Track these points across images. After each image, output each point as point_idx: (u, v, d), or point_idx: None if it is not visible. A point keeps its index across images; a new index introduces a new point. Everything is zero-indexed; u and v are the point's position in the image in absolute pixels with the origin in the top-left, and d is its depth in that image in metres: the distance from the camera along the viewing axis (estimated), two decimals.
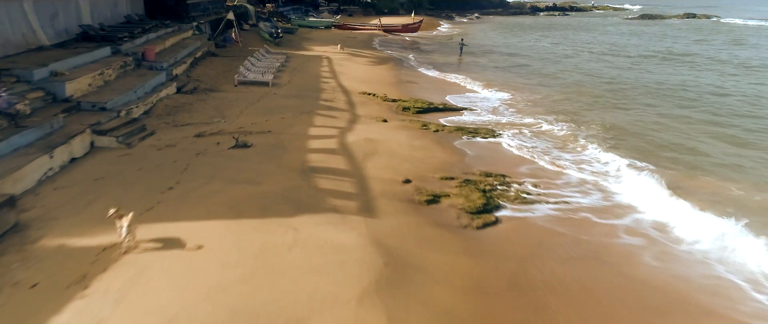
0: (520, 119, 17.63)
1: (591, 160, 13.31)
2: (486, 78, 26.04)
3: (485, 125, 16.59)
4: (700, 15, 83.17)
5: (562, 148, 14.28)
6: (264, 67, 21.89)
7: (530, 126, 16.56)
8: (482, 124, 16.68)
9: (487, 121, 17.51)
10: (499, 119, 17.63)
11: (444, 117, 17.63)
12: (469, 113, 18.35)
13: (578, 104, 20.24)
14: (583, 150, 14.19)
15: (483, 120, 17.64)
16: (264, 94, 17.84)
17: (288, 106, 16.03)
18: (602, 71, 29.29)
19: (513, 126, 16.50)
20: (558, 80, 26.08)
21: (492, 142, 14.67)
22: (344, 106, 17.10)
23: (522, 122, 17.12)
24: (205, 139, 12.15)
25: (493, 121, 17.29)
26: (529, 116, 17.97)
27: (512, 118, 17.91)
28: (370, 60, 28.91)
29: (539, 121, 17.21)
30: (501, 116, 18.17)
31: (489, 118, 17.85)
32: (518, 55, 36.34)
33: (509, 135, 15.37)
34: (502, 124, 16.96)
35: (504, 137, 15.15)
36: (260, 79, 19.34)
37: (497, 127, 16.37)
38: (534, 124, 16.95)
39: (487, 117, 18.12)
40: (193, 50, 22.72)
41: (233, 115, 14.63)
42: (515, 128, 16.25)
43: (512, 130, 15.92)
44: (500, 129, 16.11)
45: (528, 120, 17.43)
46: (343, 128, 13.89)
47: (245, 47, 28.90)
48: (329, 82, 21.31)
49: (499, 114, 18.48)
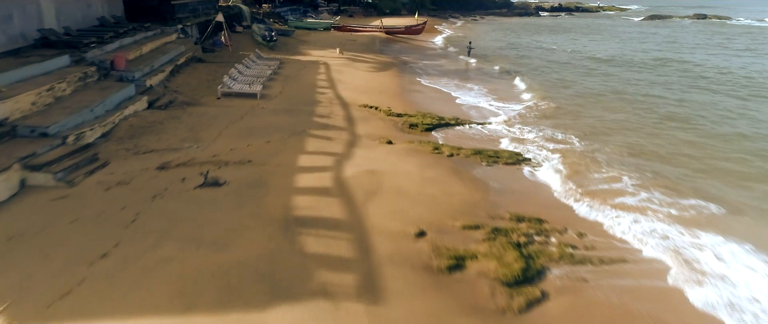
0: (541, 136, 15.30)
1: (631, 191, 10.98)
2: (496, 85, 23.74)
3: (502, 138, 14.42)
4: (711, 16, 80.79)
5: (600, 178, 11.95)
6: (253, 76, 19.57)
7: (556, 147, 14.22)
8: (498, 137, 14.50)
9: (503, 135, 15.26)
10: (517, 134, 15.33)
11: (456, 133, 15.36)
12: (482, 128, 16.04)
13: (603, 119, 17.92)
14: (619, 175, 11.86)
15: (498, 134, 15.37)
16: (250, 109, 15.52)
17: (276, 125, 13.71)
18: (628, 80, 26.96)
19: (536, 146, 14.17)
20: (574, 89, 23.76)
21: (516, 169, 12.37)
22: (342, 124, 14.78)
23: (544, 141, 14.78)
24: (169, 172, 9.84)
25: (509, 136, 15.00)
26: (550, 132, 15.63)
27: (531, 134, 15.58)
28: (371, 66, 26.58)
29: (564, 140, 14.88)
30: (517, 130, 15.87)
31: (504, 132, 15.58)
32: (528, 58, 34.01)
33: (535, 159, 13.06)
34: (522, 140, 14.70)
35: (529, 162, 12.85)
36: (247, 91, 17.02)
37: (517, 145, 14.16)
38: (559, 143, 14.64)
39: (502, 130, 15.86)
40: (174, 56, 20.42)
41: (210, 137, 12.30)
42: (538, 148, 13.94)
43: (536, 152, 13.61)
44: (521, 148, 13.87)
45: (550, 137, 15.09)
46: (341, 155, 11.56)
47: (236, 52, 26.58)
48: (326, 92, 18.99)
49: (516, 128, 16.16)
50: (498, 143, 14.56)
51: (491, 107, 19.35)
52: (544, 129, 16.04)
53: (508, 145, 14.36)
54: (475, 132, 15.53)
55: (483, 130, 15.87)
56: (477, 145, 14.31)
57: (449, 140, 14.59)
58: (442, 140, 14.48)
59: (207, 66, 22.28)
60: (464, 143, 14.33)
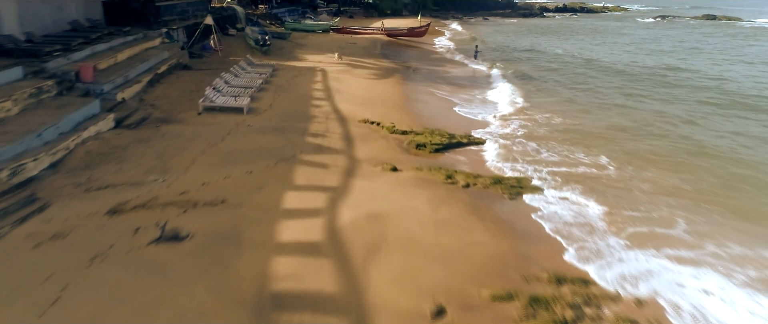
0: (565, 160, 13.36)
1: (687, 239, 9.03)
2: (508, 96, 21.77)
3: (519, 162, 12.53)
4: (720, 16, 78.74)
5: (641, 217, 9.99)
6: (241, 86, 17.62)
7: (584, 173, 12.27)
8: (515, 159, 12.60)
9: (522, 153, 13.36)
10: (537, 156, 13.39)
11: (469, 155, 13.45)
12: (498, 146, 14.11)
13: (629, 143, 15.95)
14: (668, 217, 9.91)
15: (517, 152, 13.45)
16: (235, 127, 13.59)
17: (262, 148, 11.77)
18: (650, 96, 25.00)
19: (561, 171, 12.23)
20: (590, 103, 21.78)
21: (543, 201, 10.44)
22: (339, 145, 12.84)
23: (569, 166, 12.82)
24: (122, 218, 7.90)
25: (529, 158, 13.08)
26: (573, 155, 13.68)
27: (553, 156, 13.63)
28: (372, 72, 24.64)
29: (592, 164, 12.95)
30: (539, 151, 13.93)
31: (523, 149, 13.67)
32: (539, 62, 32.06)
33: (562, 189, 11.13)
34: (542, 163, 12.82)
35: (553, 192, 10.95)
36: (232, 105, 15.07)
37: (537, 167, 12.31)
38: (583, 166, 12.71)
39: (519, 148, 13.93)
40: (155, 64, 18.51)
41: (181, 165, 10.36)
42: (563, 175, 12.01)
43: (562, 180, 11.68)
44: (543, 173, 11.98)
45: (574, 160, 13.14)
46: (336, 190, 9.62)
47: (226, 57, 24.67)
48: (322, 105, 17.05)
49: (537, 149, 14.23)
50: (516, 166, 12.64)
51: (504, 122, 17.39)
52: (568, 150, 14.09)
53: (528, 171, 12.42)
54: (490, 154, 13.57)
55: (499, 150, 13.92)
56: (492, 167, 12.41)
57: (462, 164, 12.68)
58: (454, 164, 12.56)
59: (193, 74, 20.37)
60: (479, 167, 12.43)
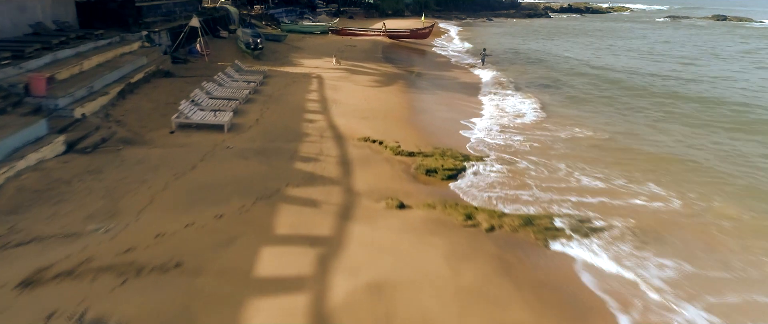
0: (603, 183, 11.31)
1: None
2: (524, 104, 19.69)
3: (550, 185, 10.43)
4: (731, 17, 76.57)
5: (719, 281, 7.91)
6: (224, 98, 15.52)
7: (630, 206, 10.18)
8: (541, 183, 10.48)
9: (551, 179, 11.27)
10: (570, 181, 11.30)
11: (487, 181, 11.39)
12: (522, 170, 12.05)
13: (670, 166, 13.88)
14: None
15: (545, 177, 11.35)
16: (211, 150, 11.51)
17: (240, 180, 9.70)
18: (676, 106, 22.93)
19: (604, 205, 10.14)
20: (616, 109, 19.73)
21: (590, 252, 8.37)
22: (335, 172, 10.76)
23: (608, 195, 10.74)
24: (37, 293, 5.84)
25: (561, 184, 11.01)
26: (609, 176, 11.61)
27: (589, 179, 11.57)
28: (373, 79, 22.54)
29: (638, 193, 10.88)
30: (567, 170, 11.87)
31: (551, 173, 11.56)
32: (552, 68, 29.94)
33: (610, 229, 9.06)
34: (580, 191, 10.78)
35: (601, 235, 8.89)
36: (211, 121, 12.97)
37: (573, 197, 10.26)
38: (633, 196, 10.63)
39: (546, 172, 11.86)
40: (130, 71, 16.44)
41: (134, 207, 8.28)
42: (605, 200, 9.94)
43: (605, 211, 9.64)
44: (582, 203, 9.94)
45: (611, 189, 11.05)
46: (328, 244, 7.54)
47: (214, 62, 22.59)
48: (316, 119, 14.96)
49: (565, 168, 12.17)
50: (546, 196, 10.56)
51: (524, 137, 15.29)
52: (604, 174, 12.00)
53: (563, 205, 10.32)
54: (514, 180, 11.49)
55: (523, 175, 11.83)
56: (518, 197, 10.35)
57: (480, 193, 10.62)
58: (472, 195, 10.49)
59: (173, 82, 18.29)
60: (502, 198, 10.37)
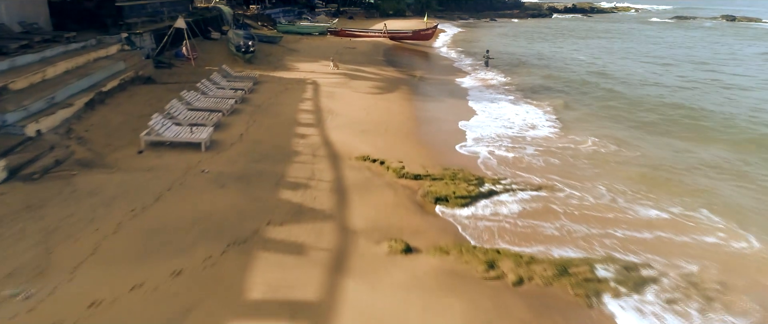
0: (652, 210, 9.62)
1: None
2: (537, 113, 18.01)
3: (587, 214, 8.68)
4: (740, 17, 74.75)
5: None
6: (206, 109, 13.82)
7: (702, 245, 8.48)
8: (578, 209, 8.74)
9: (584, 206, 9.56)
10: (612, 210, 9.57)
11: (507, 211, 9.73)
12: (548, 193, 10.38)
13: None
14: None
15: (577, 204, 9.64)
16: (182, 175, 9.82)
17: (211, 218, 8.01)
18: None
19: (659, 240, 8.44)
20: (640, 118, 18.05)
21: (652, 315, 6.70)
22: (327, 204, 9.07)
23: (667, 225, 9.03)
24: None
25: (596, 212, 9.30)
26: (658, 201, 9.89)
27: (632, 205, 9.88)
28: (373, 85, 20.84)
29: (702, 226, 9.19)
30: (602, 193, 10.15)
31: (584, 198, 9.84)
32: (562, 73, 28.21)
33: (674, 282, 7.39)
34: (626, 223, 9.07)
35: (662, 285, 7.23)
36: (186, 139, 11.26)
37: (617, 231, 8.54)
38: (697, 231, 8.93)
39: (578, 197, 10.14)
40: (102, 79, 14.77)
41: (71, 259, 6.59)
42: (660, 234, 8.25)
43: (662, 251, 7.96)
44: (629, 238, 8.25)
45: (672, 215, 9.34)
46: (314, 312, 5.86)
47: (201, 66, 20.93)
48: (309, 134, 13.27)
49: (603, 190, 10.47)
50: (583, 230, 8.87)
51: (543, 153, 13.61)
52: (650, 198, 10.30)
53: (606, 241, 8.63)
54: (540, 209, 9.79)
55: (551, 200, 10.14)
56: (549, 233, 8.66)
57: (501, 227, 8.95)
58: (491, 231, 8.82)
59: (154, 90, 16.60)
60: (528, 235, 8.70)
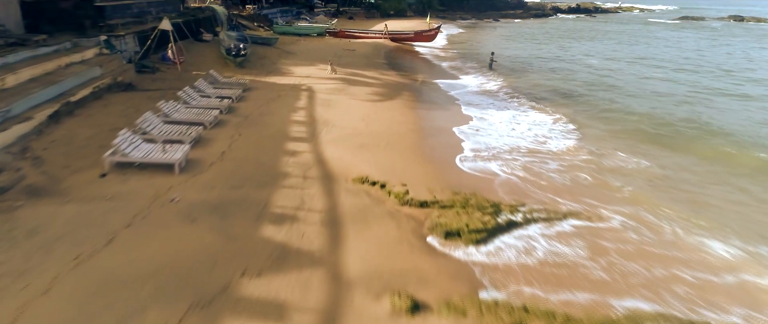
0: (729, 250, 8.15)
1: None
2: (547, 122, 16.54)
3: (639, 258, 7.19)
4: (748, 18, 73.22)
5: None
6: (186, 121, 12.33)
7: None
8: (625, 251, 7.25)
9: (627, 243, 8.03)
10: (677, 247, 8.07)
11: (530, 238, 8.30)
12: (582, 224, 8.91)
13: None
14: None
15: (623, 247, 8.11)
16: (148, 205, 8.35)
17: (174, 266, 6.53)
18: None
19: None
20: (648, 123, 16.58)
21: None
22: (317, 243, 7.59)
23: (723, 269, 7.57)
24: None
25: (653, 249, 7.80)
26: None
27: (699, 239, 8.38)
28: (374, 91, 19.36)
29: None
30: (654, 222, 8.64)
31: (628, 232, 8.33)
32: (571, 77, 26.74)
33: None
34: (673, 259, 7.58)
35: None
36: (157, 160, 9.78)
37: (665, 265, 7.02)
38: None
39: (620, 231, 8.63)
40: (71, 87, 13.32)
41: None
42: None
43: None
44: (690, 278, 6.81)
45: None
46: None
47: (188, 71, 19.47)
48: (301, 150, 11.78)
49: (652, 219, 8.98)
50: (624, 262, 7.40)
51: (565, 170, 12.14)
52: (720, 233, 8.82)
53: (661, 289, 7.15)
54: (579, 247, 8.30)
55: (588, 236, 8.65)
56: (590, 280, 7.18)
57: (527, 268, 7.51)
58: (516, 276, 7.36)
59: (133, 98, 15.14)
60: (562, 279, 7.26)
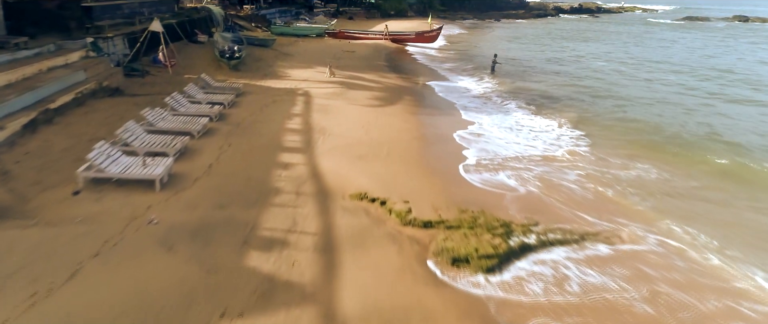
0: None
1: None
2: (552, 127, 15.71)
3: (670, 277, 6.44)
4: (753, 18, 72.31)
5: None
6: (172, 131, 11.47)
7: None
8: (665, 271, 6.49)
9: (666, 267, 7.19)
10: (710, 273, 7.25)
11: (555, 264, 7.50)
12: (606, 244, 8.09)
13: None
14: None
15: (656, 260, 7.27)
16: (123, 229, 7.51)
17: (145, 303, 5.70)
18: None
19: None
20: (662, 130, 15.76)
21: None
22: (309, 274, 6.76)
23: None
24: None
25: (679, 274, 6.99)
26: None
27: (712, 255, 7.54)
28: (374, 95, 18.52)
29: None
30: (680, 249, 7.80)
31: (652, 255, 7.48)
32: (573, 79, 25.93)
33: None
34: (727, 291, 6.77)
35: None
36: (136, 176, 8.93)
37: None
38: None
39: (646, 252, 7.79)
40: (51, 93, 12.49)
41: None
42: None
43: None
44: None
45: None
46: None
47: (180, 74, 18.65)
48: (295, 162, 10.94)
49: (675, 245, 8.15)
50: (672, 292, 6.57)
51: (581, 182, 11.30)
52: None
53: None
54: (607, 279, 7.46)
55: (617, 264, 7.81)
56: (641, 317, 6.37)
57: (553, 304, 6.67)
58: (537, 309, 6.52)
59: (119, 104, 14.32)
60: (599, 313, 6.43)
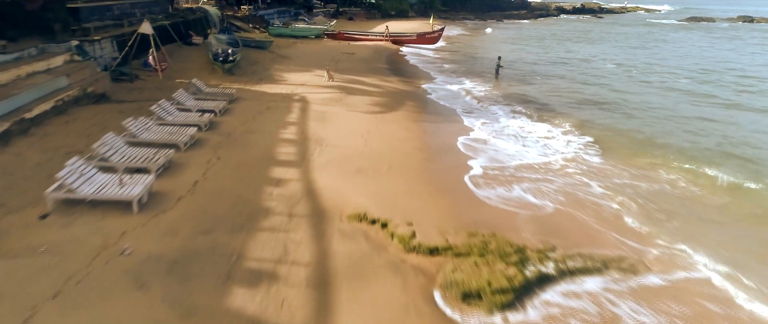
0: None
1: None
2: (559, 136, 14.84)
3: None
4: (758, 18, 71.45)
5: None
6: (156, 143, 10.60)
7: None
8: None
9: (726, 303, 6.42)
10: None
11: (575, 296, 6.69)
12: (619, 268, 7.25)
13: None
14: None
15: None
16: (90, 261, 6.65)
17: None
18: None
19: None
20: (685, 137, 14.88)
21: None
22: (300, 315, 5.90)
23: None
24: None
25: None
26: None
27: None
28: (374, 101, 17.65)
29: None
30: (730, 276, 6.96)
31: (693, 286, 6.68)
32: (580, 82, 25.06)
33: None
34: None
35: None
36: (111, 196, 8.06)
37: None
38: None
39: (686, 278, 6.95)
40: (28, 102, 11.69)
41: None
42: None
43: None
44: None
45: None
46: None
47: (171, 79, 17.80)
48: (288, 178, 10.07)
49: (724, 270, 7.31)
50: None
51: (605, 194, 10.43)
52: None
53: None
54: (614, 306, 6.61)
55: (652, 296, 6.95)
56: None
57: None
58: None
59: (104, 111, 13.49)
60: None
